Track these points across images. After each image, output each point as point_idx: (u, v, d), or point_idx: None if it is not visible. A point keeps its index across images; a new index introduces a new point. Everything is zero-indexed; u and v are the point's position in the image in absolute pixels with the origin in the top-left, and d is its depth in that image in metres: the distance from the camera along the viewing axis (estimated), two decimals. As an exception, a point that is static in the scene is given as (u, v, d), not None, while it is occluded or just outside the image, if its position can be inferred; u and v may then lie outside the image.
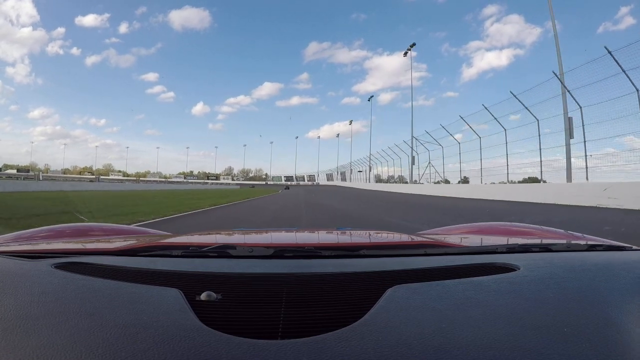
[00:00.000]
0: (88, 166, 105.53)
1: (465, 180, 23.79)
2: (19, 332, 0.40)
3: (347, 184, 66.55)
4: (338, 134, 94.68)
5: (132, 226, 1.41)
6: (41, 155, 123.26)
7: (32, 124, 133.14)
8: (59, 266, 0.60)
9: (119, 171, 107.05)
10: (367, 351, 0.37)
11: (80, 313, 0.44)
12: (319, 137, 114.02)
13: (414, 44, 38.29)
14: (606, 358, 0.37)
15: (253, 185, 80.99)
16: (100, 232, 1.17)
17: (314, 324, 0.45)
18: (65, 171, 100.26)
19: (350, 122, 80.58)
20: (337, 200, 18.35)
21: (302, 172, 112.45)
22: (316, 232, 1.28)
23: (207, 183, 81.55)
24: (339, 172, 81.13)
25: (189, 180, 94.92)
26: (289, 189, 57.17)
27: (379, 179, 52.33)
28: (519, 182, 17.68)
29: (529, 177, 17.77)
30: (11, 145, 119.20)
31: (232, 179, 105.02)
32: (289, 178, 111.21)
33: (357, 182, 60.40)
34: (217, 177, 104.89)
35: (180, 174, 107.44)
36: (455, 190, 21.51)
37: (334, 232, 1.26)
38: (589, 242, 0.86)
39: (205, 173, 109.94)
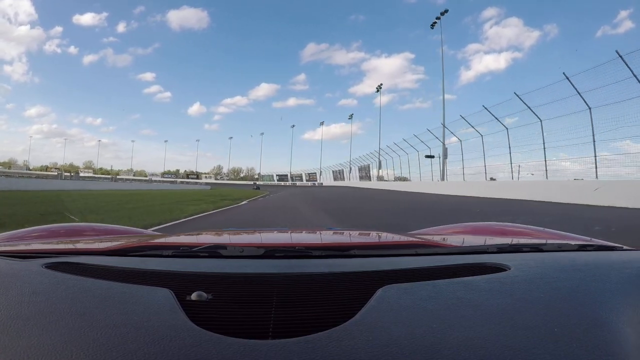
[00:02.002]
0: (68, 163, 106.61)
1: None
2: (10, 332, 0.41)
3: (375, 184, 43.87)
4: (352, 115, 77.94)
5: (124, 226, 1.37)
6: (37, 154, 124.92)
7: (29, 122, 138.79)
8: (50, 266, 0.62)
9: (100, 169, 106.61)
10: (357, 351, 0.38)
11: (71, 313, 0.45)
12: (322, 123, 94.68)
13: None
14: (596, 358, 0.38)
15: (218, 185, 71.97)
16: (91, 232, 1.20)
17: (304, 323, 0.45)
18: (42, 168, 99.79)
19: (379, 88, 58.35)
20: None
21: (299, 169, 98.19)
22: (307, 232, 1.31)
23: (175, 182, 74.88)
24: (355, 168, 62.14)
25: (162, 179, 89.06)
26: (259, 189, 47.35)
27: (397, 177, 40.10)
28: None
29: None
30: (7, 144, 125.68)
31: (215, 178, 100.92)
32: (282, 177, 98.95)
33: (387, 181, 42.33)
34: (198, 175, 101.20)
35: (164, 172, 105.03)
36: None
37: (325, 232, 1.29)
38: (580, 242, 0.90)
39: (188, 172, 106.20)
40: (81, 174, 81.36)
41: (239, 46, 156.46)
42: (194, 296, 0.51)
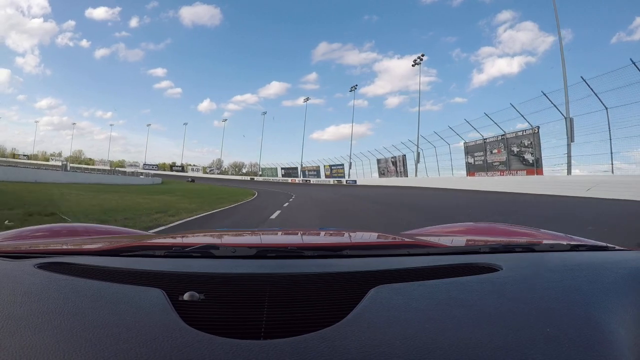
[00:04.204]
0: (56, 152, 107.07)
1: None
2: (2, 332, 0.41)
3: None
4: (422, 56, 42.48)
5: (116, 227, 1.38)
6: (47, 145, 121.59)
7: (39, 113, 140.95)
8: (42, 266, 0.63)
9: (90, 159, 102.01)
10: (349, 351, 0.38)
11: (63, 313, 0.45)
12: (353, 88, 61.43)
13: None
14: (589, 358, 0.39)
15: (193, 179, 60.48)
16: (84, 232, 1.21)
17: (296, 324, 0.46)
18: (17, 156, 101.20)
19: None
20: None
21: (316, 159, 67.08)
22: (300, 232, 1.32)
23: (125, 174, 58.26)
24: (451, 147, 30.70)
25: (139, 171, 75.66)
26: (193, 181, 41.76)
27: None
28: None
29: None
30: (17, 134, 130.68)
31: (204, 172, 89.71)
32: (289, 171, 67.28)
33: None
34: (183, 168, 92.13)
35: (145, 164, 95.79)
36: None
37: (317, 233, 1.31)
38: (572, 243, 0.92)
39: (171, 163, 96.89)
40: (51, 162, 78.27)
41: (250, 44, 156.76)
42: (186, 296, 0.52)
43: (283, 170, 72.99)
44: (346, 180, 53.40)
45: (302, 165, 68.43)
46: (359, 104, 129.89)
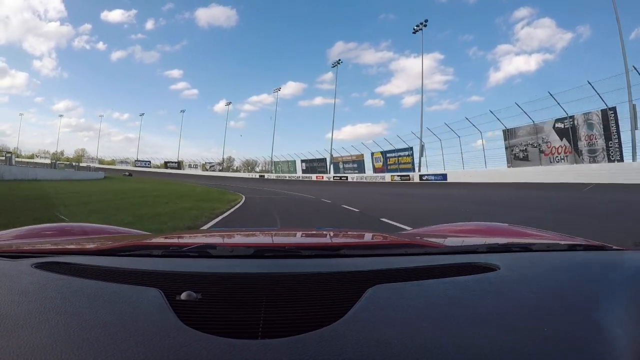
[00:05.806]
0: (59, 151, 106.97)
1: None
2: None
3: None
4: None
5: (113, 226, 1.38)
6: (63, 146, 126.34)
7: (57, 115, 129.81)
8: (39, 266, 0.64)
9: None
10: (346, 351, 0.38)
11: (61, 313, 0.46)
12: (423, 24, 35.34)
13: None
14: (587, 358, 0.39)
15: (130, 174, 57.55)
16: (81, 232, 1.22)
17: (294, 323, 0.46)
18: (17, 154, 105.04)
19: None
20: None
21: (354, 144, 45.43)
22: (297, 232, 1.33)
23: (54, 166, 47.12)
24: None
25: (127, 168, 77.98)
26: (131, 175, 41.30)
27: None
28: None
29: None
30: (35, 136, 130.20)
31: (204, 169, 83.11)
32: (313, 165, 46.32)
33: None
34: (180, 164, 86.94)
35: (136, 160, 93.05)
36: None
37: (314, 232, 1.32)
38: (569, 242, 0.92)
39: (167, 160, 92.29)
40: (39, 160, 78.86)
41: (266, 44, 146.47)
42: (183, 296, 0.53)
43: (304, 164, 50.52)
44: (420, 176, 30.32)
45: (331, 155, 45.03)
46: (375, 104, 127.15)
